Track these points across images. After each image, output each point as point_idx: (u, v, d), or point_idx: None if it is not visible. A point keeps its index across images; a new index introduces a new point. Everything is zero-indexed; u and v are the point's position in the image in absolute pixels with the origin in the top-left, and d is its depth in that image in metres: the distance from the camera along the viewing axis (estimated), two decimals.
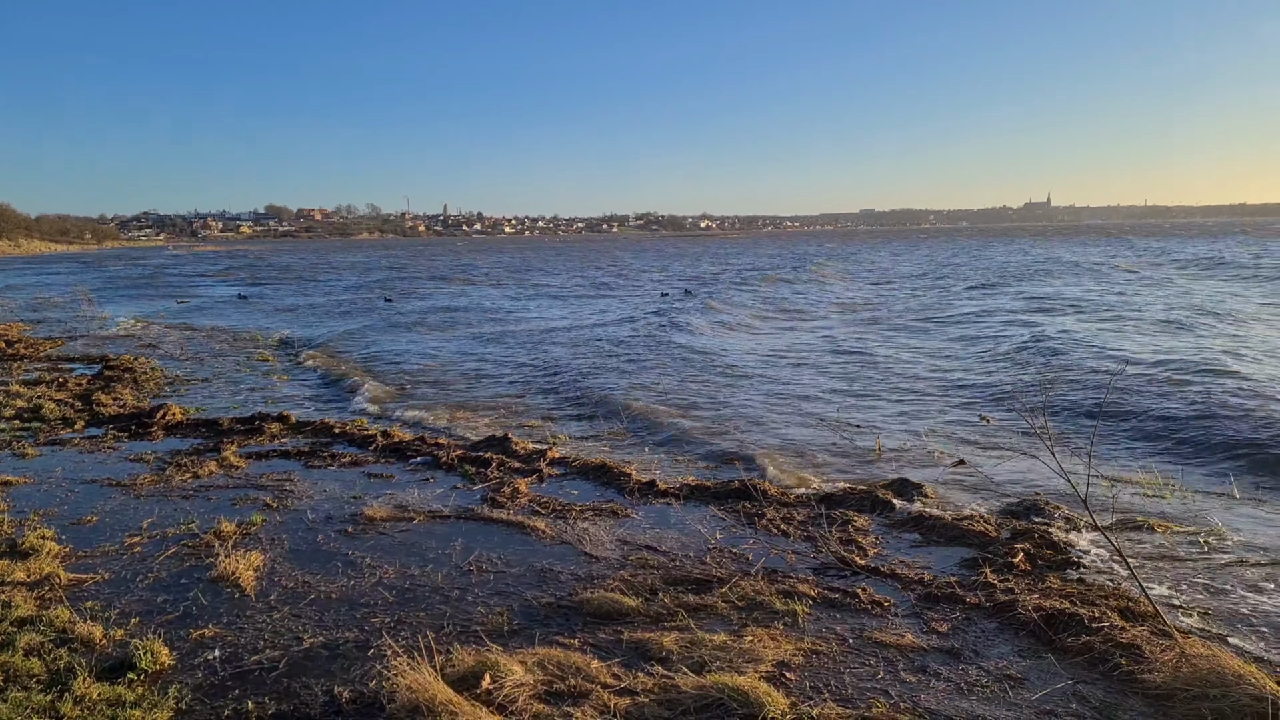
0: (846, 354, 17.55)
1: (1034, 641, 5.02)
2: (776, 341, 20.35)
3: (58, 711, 4.18)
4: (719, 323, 24.66)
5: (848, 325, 23.36)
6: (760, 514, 7.32)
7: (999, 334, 19.93)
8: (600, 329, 23.49)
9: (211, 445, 9.90)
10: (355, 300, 36.07)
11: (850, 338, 20.27)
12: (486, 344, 20.57)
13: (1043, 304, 26.83)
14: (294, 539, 6.81)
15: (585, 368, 16.34)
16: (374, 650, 4.89)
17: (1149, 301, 26.33)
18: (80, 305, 32.77)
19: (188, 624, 5.25)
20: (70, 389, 13.61)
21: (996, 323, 22.35)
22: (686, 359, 17.31)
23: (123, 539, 6.74)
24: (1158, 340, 17.74)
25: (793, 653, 4.86)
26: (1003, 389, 13.19)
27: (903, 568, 6.15)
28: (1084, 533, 6.84)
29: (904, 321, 23.74)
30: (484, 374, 16.07)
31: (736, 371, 15.70)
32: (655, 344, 19.62)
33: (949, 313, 25.60)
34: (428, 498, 7.93)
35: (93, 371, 15.65)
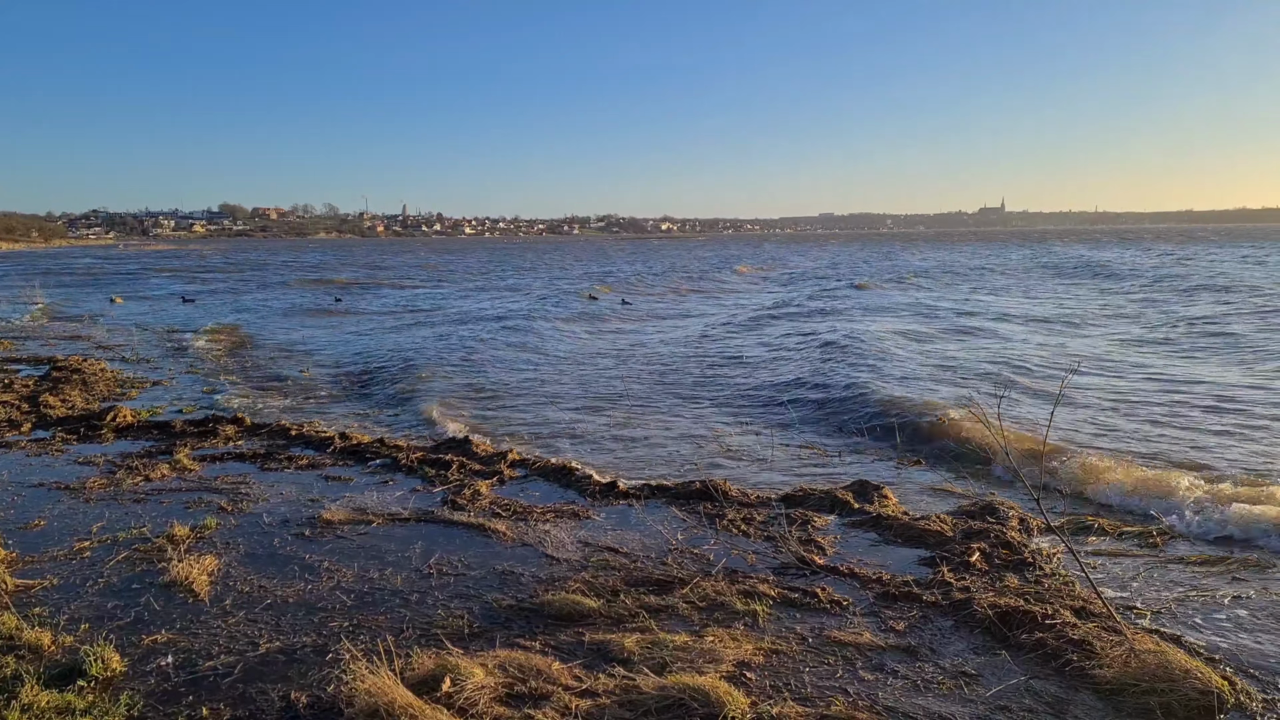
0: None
1: (989, 639, 5.12)
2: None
3: (3, 719, 4.06)
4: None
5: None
6: (721, 514, 7.36)
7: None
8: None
9: (164, 448, 9.69)
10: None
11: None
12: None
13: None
14: (249, 543, 6.69)
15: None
16: (332, 654, 4.83)
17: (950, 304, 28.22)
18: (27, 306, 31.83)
19: (140, 630, 5.14)
20: (16, 390, 13.22)
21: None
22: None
23: (71, 543, 6.57)
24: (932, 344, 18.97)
25: (753, 652, 4.90)
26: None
27: (861, 567, 6.23)
28: (1038, 533, 6.99)
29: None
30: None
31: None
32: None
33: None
34: (387, 500, 7.85)
35: (40, 373, 15.22)
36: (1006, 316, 25.07)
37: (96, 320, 26.66)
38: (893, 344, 18.68)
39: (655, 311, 30.62)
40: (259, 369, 16.98)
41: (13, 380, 14.19)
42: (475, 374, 16.08)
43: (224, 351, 19.50)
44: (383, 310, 31.90)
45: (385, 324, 26.55)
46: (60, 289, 42.96)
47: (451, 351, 18.99)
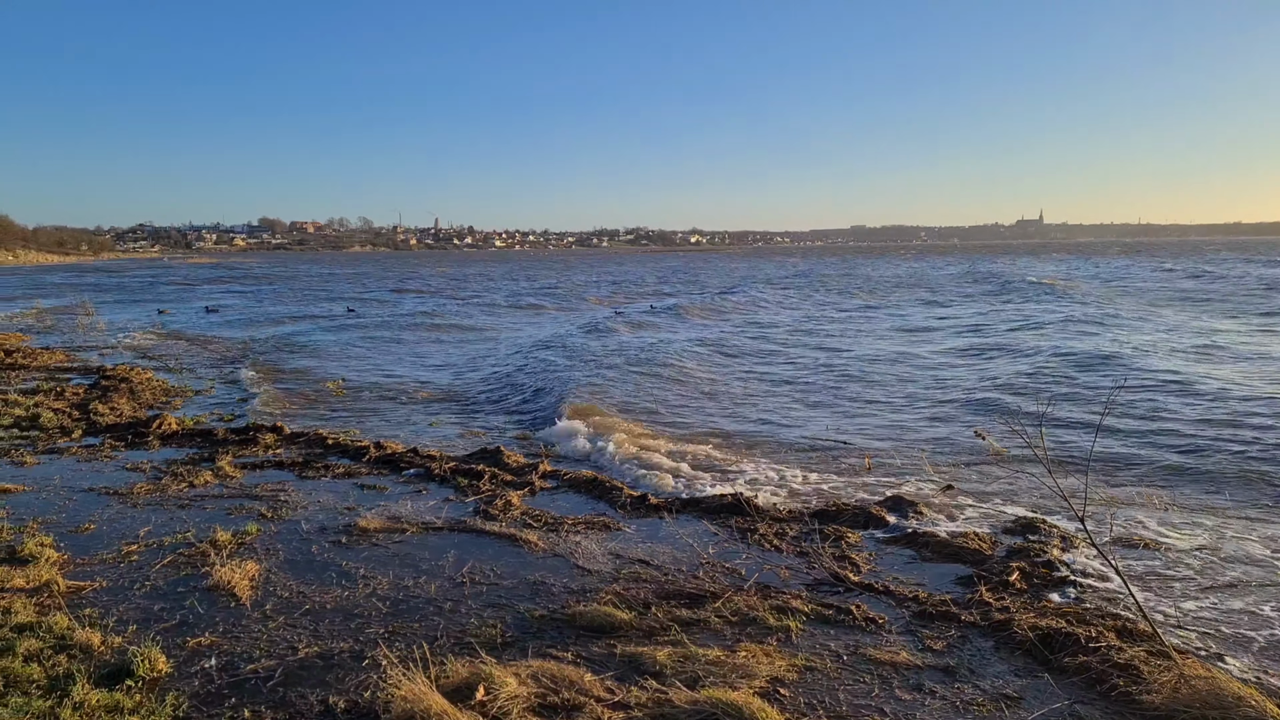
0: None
1: (1030, 661, 5.03)
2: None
3: (57, 717, 4.18)
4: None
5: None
6: (753, 529, 7.34)
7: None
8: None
9: (207, 455, 9.91)
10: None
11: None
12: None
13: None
14: (289, 549, 6.81)
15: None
16: (369, 660, 4.90)
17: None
18: (79, 316, 32.73)
19: (184, 632, 5.26)
20: (68, 398, 13.61)
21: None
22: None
23: (120, 547, 6.75)
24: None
25: (787, 669, 4.87)
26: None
27: (897, 584, 6.17)
28: (1081, 551, 6.87)
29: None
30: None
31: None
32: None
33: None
34: (421, 509, 7.95)
35: (89, 381, 15.64)
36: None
37: (143, 330, 27.31)
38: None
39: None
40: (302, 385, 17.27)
41: (64, 389, 14.60)
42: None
43: (270, 367, 19.84)
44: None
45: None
46: (109, 301, 44.08)
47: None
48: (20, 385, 15.02)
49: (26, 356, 18.93)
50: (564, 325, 30.16)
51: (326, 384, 16.52)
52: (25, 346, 21.23)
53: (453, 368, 19.66)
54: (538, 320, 34.17)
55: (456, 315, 35.27)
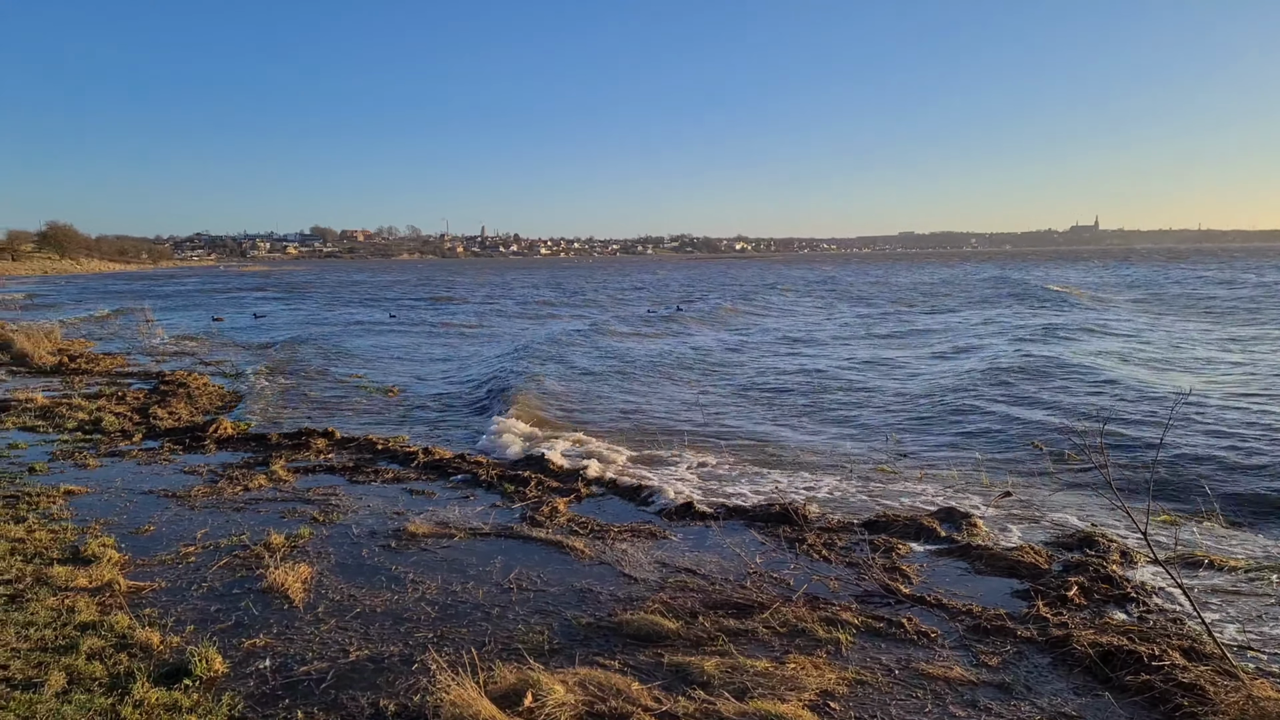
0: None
1: (1090, 678, 4.89)
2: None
3: (118, 714, 4.29)
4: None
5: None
6: (801, 539, 7.26)
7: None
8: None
9: (261, 459, 10.11)
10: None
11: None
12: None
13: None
14: (340, 553, 6.92)
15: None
16: (418, 664, 4.94)
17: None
18: (138, 322, 33.72)
19: (240, 633, 5.36)
20: (129, 402, 14.01)
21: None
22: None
23: (178, 548, 6.92)
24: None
25: (836, 682, 4.80)
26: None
27: (950, 598, 6.05)
28: (1142, 567, 6.67)
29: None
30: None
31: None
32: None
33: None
34: (468, 515, 8.01)
35: (149, 386, 16.09)
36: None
37: (200, 337, 28.05)
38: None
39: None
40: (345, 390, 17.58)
41: (125, 393, 15.03)
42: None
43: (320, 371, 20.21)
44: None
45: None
46: (166, 307, 45.36)
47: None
48: (84, 390, 15.50)
49: (89, 362, 19.54)
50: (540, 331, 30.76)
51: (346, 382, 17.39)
52: (89, 352, 21.93)
53: (436, 368, 20.75)
54: (543, 322, 35.65)
55: (472, 318, 37.49)
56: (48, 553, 6.70)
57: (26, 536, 7.06)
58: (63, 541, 7.00)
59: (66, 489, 8.57)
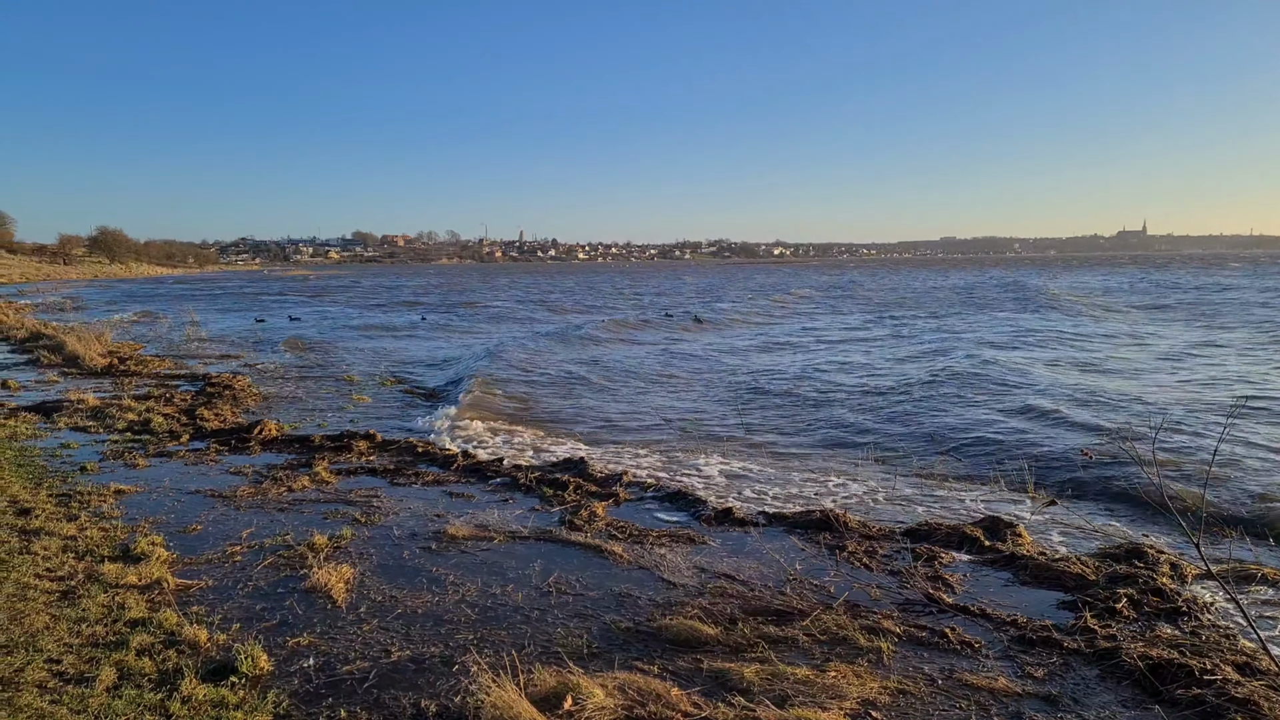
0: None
1: (1139, 692, 4.79)
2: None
3: (167, 710, 4.38)
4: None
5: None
6: (842, 546, 7.19)
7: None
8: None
9: (304, 461, 10.26)
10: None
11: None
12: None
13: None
14: (381, 554, 6.99)
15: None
16: (459, 666, 4.98)
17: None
18: (185, 325, 34.46)
19: (284, 632, 5.45)
20: (176, 404, 14.32)
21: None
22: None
23: (224, 548, 7.05)
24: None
25: (878, 691, 4.74)
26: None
27: (994, 608, 5.95)
28: (1194, 580, 6.51)
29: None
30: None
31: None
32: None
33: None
34: (507, 518, 8.05)
35: (196, 388, 16.42)
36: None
37: (244, 339, 28.59)
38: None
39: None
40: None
41: (173, 394, 15.37)
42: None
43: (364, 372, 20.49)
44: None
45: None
46: (212, 310, 46.27)
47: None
48: (133, 391, 15.87)
49: (139, 363, 20.00)
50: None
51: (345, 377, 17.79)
52: (138, 354, 22.45)
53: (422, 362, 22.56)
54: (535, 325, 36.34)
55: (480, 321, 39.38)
56: (99, 550, 6.86)
57: (78, 534, 7.24)
58: (113, 539, 7.16)
59: (117, 488, 8.78)
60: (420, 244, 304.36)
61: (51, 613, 5.56)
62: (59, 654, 4.98)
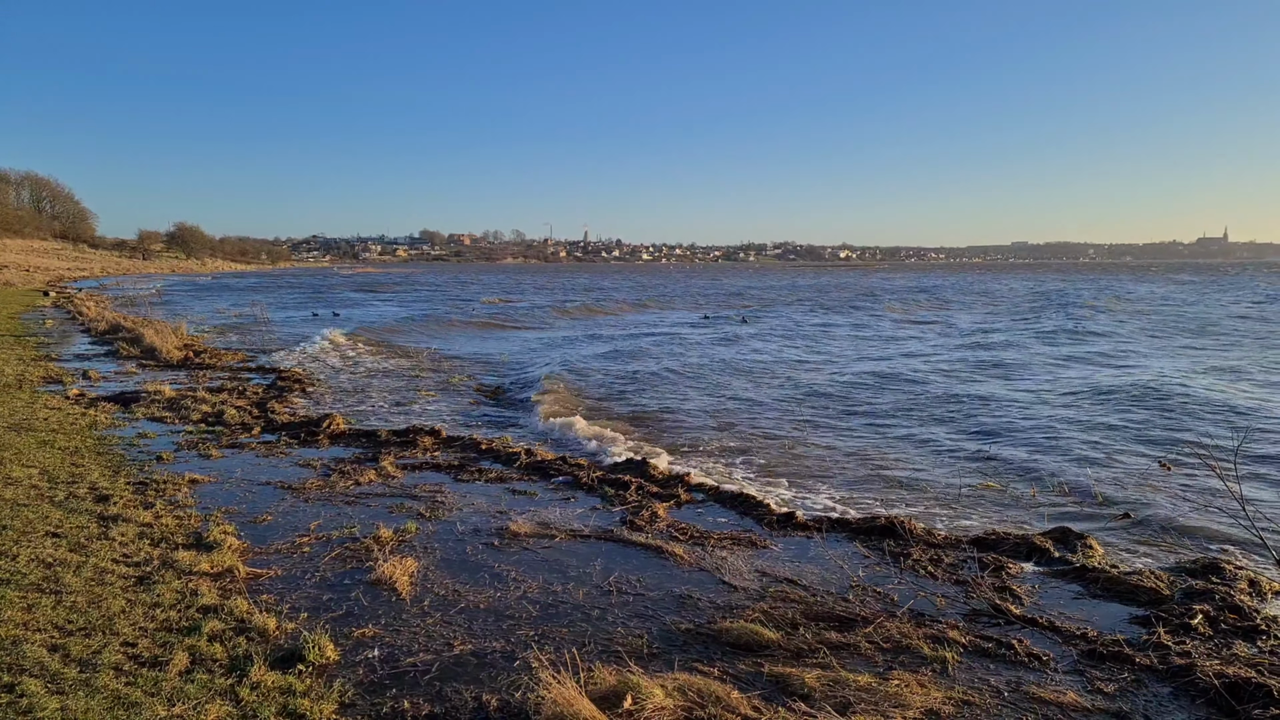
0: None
1: (1214, 711, 4.61)
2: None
3: (237, 695, 4.52)
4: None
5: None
6: (905, 553, 7.07)
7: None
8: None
9: (370, 455, 10.50)
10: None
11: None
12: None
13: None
14: (445, 548, 7.11)
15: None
16: (520, 661, 5.04)
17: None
18: (256, 318, 35.57)
19: (350, 623, 5.57)
20: (248, 397, 14.78)
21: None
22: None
23: (293, 538, 7.25)
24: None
25: (942, 701, 4.65)
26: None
27: (1063, 620, 5.78)
28: (1273, 598, 6.23)
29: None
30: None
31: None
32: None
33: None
34: (569, 516, 8.11)
35: (267, 381, 16.93)
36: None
37: (315, 334, 29.35)
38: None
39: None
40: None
41: (245, 387, 15.88)
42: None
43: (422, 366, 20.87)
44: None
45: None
46: (283, 306, 47.62)
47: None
48: (207, 384, 16.43)
49: (213, 356, 20.71)
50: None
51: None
52: (212, 347, 23.24)
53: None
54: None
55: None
56: (173, 538, 7.10)
57: (154, 521, 7.51)
58: (187, 528, 7.41)
59: (191, 477, 9.09)
60: (485, 243, 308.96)
61: (128, 597, 5.79)
62: (134, 638, 5.18)
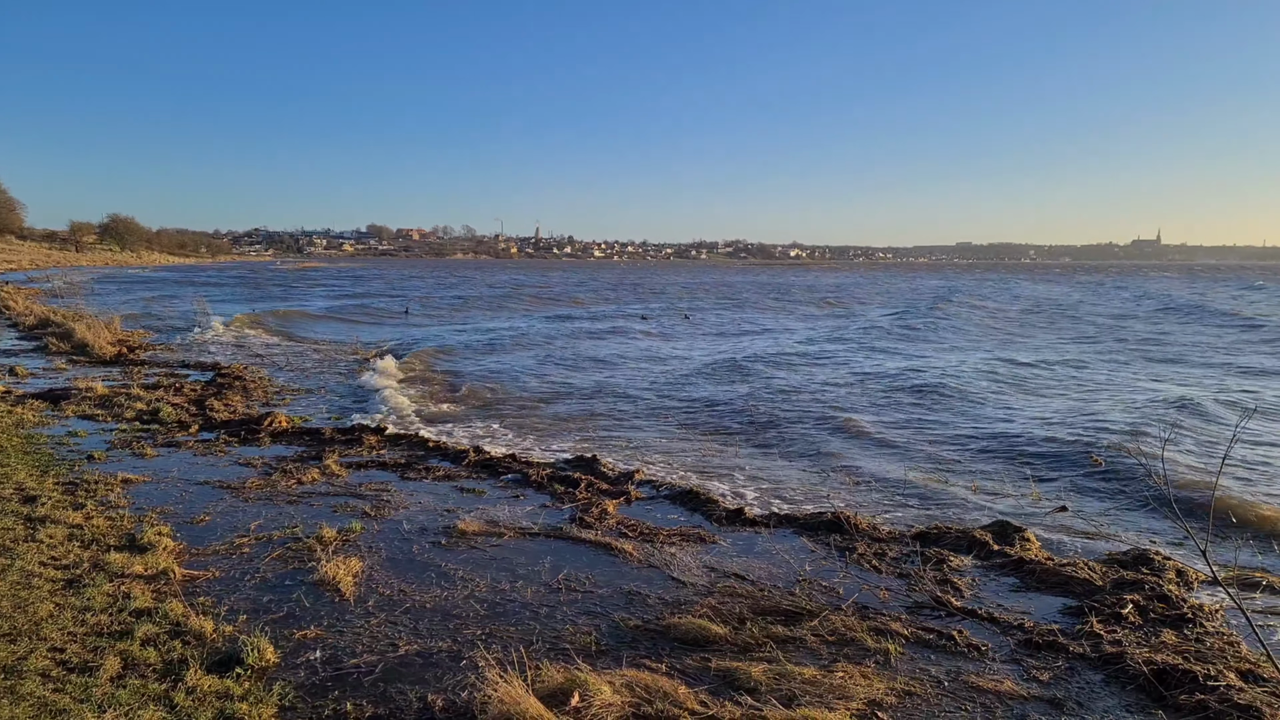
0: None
1: (1143, 697, 4.78)
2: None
3: (171, 701, 4.39)
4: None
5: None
6: (851, 548, 7.18)
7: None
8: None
9: (314, 453, 10.29)
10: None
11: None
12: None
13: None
14: (391, 548, 7.01)
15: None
16: (466, 661, 4.99)
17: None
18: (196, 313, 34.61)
19: (291, 624, 5.46)
20: (186, 394, 14.38)
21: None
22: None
23: (232, 539, 7.07)
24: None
25: (885, 692, 4.74)
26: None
27: (1001, 612, 5.93)
28: (1200, 587, 6.48)
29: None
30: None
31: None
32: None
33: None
34: (518, 514, 8.06)
35: (206, 378, 16.49)
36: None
37: (255, 329, 28.68)
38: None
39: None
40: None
41: (183, 384, 15.45)
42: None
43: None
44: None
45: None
46: (225, 300, 46.43)
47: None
48: (142, 380, 15.94)
49: (148, 352, 20.11)
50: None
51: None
52: (147, 342, 22.58)
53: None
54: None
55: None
56: (105, 539, 6.87)
57: (84, 523, 7.26)
58: (120, 529, 7.18)
59: (124, 477, 8.81)
60: (435, 238, 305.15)
61: (56, 601, 5.58)
62: (63, 643, 5.00)
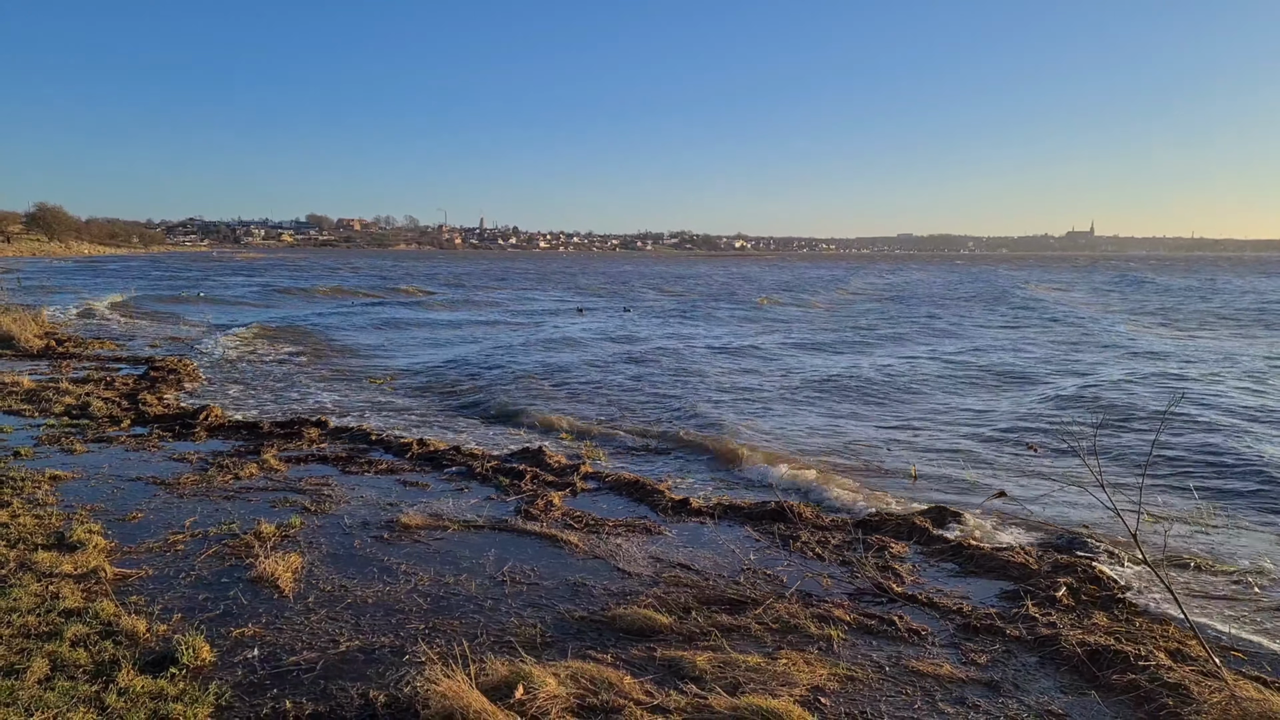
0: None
1: (1077, 677, 4.92)
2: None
3: (102, 702, 4.25)
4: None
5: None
6: (795, 536, 7.27)
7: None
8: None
9: (252, 448, 10.04)
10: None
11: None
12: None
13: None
14: (331, 543, 6.88)
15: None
16: (409, 656, 4.92)
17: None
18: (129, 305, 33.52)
19: (228, 622, 5.32)
20: (117, 388, 13.91)
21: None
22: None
23: (166, 536, 6.86)
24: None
25: (828, 678, 4.81)
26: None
27: (940, 597, 6.07)
28: (1130, 569, 6.71)
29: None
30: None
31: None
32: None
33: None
34: (462, 507, 7.98)
35: (139, 372, 15.98)
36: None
37: (189, 322, 27.90)
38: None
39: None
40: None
41: (114, 378, 14.94)
42: None
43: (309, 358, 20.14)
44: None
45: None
46: (156, 292, 45.05)
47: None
48: (71, 374, 15.39)
49: (78, 345, 19.43)
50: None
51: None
52: (77, 335, 21.78)
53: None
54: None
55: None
56: (32, 538, 6.62)
57: (10, 521, 6.97)
58: (48, 527, 6.92)
59: (52, 474, 8.49)
60: (377, 228, 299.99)
61: None
62: None
